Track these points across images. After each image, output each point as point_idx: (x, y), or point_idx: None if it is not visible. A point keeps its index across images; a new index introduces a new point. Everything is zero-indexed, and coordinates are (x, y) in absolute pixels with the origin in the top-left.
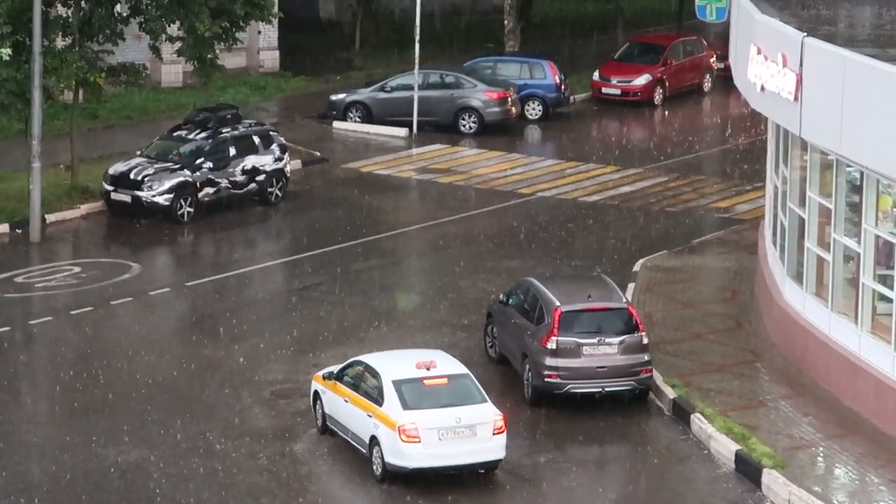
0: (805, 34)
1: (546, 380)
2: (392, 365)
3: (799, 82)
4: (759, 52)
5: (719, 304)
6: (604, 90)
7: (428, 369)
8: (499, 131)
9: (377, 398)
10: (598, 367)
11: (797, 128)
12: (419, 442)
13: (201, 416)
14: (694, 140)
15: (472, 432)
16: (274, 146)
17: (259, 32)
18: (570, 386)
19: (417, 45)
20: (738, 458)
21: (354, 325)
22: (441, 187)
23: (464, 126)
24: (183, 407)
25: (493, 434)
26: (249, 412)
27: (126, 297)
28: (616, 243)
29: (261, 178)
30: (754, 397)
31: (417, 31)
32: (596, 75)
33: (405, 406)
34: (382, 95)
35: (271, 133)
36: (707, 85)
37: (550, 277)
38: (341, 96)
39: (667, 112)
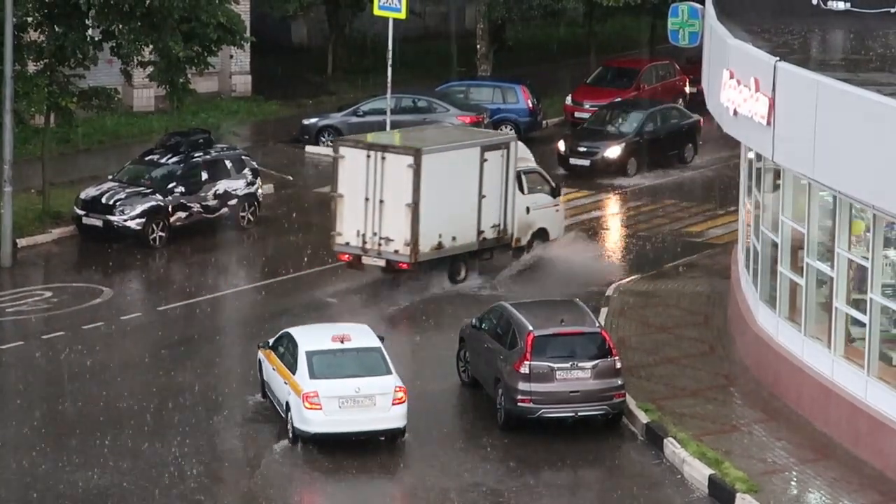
0: (778, 59)
1: (519, 404)
2: (311, 337)
3: (772, 106)
4: (731, 77)
5: (693, 329)
6: (577, 114)
7: (342, 342)
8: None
9: (292, 367)
10: (571, 392)
11: (770, 152)
12: (321, 409)
13: (173, 442)
14: (667, 164)
15: (371, 402)
16: (246, 170)
17: (231, 56)
18: (543, 410)
19: (390, 70)
20: (712, 482)
21: None
22: None
23: None
24: (154, 432)
25: (393, 404)
26: (221, 437)
27: (97, 321)
28: (589, 267)
29: (233, 202)
30: (727, 422)
31: (390, 55)
32: (569, 100)
33: (312, 375)
34: (355, 120)
35: (243, 157)
36: None
37: (523, 302)
38: (314, 120)
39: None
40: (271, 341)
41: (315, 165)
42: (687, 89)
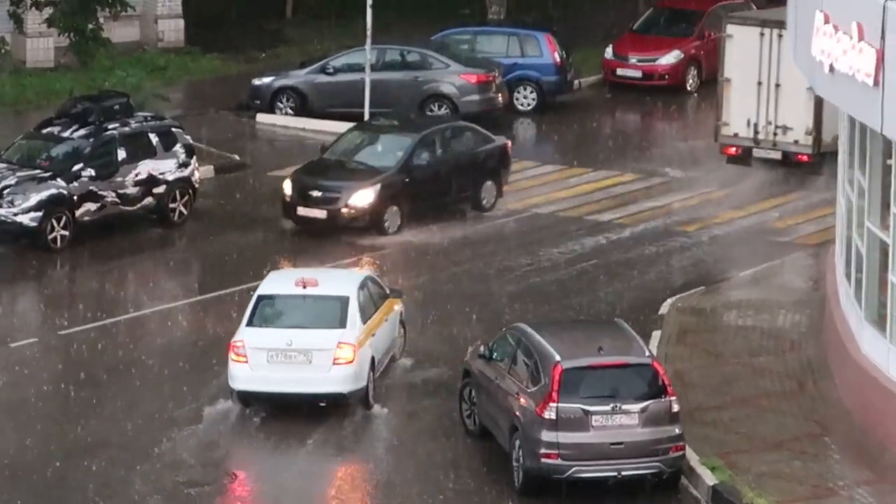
0: None
1: (543, 460)
2: (276, 281)
3: (880, 61)
4: (826, 21)
5: (774, 359)
6: (619, 72)
7: (304, 287)
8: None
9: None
10: (612, 444)
11: (878, 122)
12: (246, 362)
13: None
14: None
15: (306, 358)
16: (177, 147)
17: None
18: (575, 469)
19: (370, 11)
20: None
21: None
22: None
23: None
24: (56, 500)
25: (333, 363)
26: None
27: None
28: (636, 276)
29: (159, 189)
30: (822, 483)
31: None
32: (609, 52)
33: (249, 322)
34: (323, 79)
35: (174, 130)
36: None
37: (548, 323)
38: (268, 80)
39: (704, 102)
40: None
41: (270, 140)
42: None
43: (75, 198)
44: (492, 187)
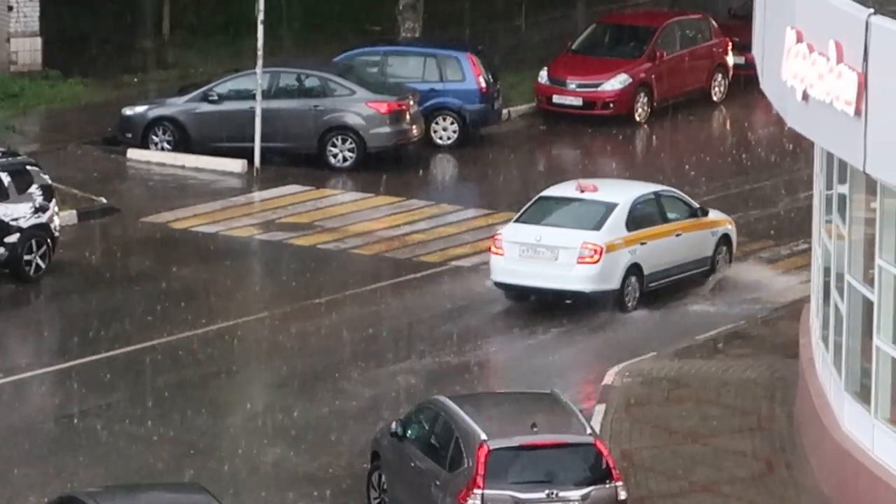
0: (873, 10)
1: None
2: (564, 185)
3: (863, 87)
4: (799, 40)
5: (740, 437)
6: (556, 99)
7: (581, 192)
8: (390, 165)
9: None
10: None
11: (860, 158)
12: (502, 255)
13: None
14: (699, 178)
15: (552, 255)
16: (33, 189)
17: (10, 9)
18: None
19: (261, 28)
20: None
21: (161, 471)
22: (298, 253)
23: (334, 156)
24: None
25: (577, 262)
26: None
27: None
28: (578, 340)
29: (12, 238)
30: None
31: (262, 4)
32: (543, 76)
33: (516, 219)
34: (206, 108)
35: (29, 168)
36: (718, 91)
37: (471, 396)
38: (140, 110)
39: (656, 135)
40: None
41: (143, 180)
42: (729, 60)
43: None
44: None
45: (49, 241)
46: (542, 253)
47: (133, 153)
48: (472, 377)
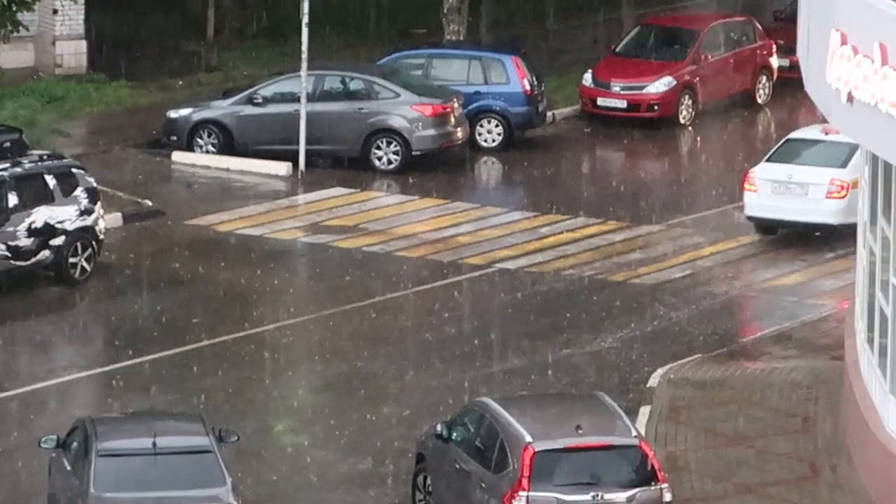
0: None
1: None
2: (808, 129)
3: None
4: (844, 42)
5: (784, 439)
6: (600, 101)
7: (826, 134)
8: (435, 167)
9: None
10: None
11: None
12: (756, 191)
13: None
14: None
15: (803, 191)
16: (79, 191)
17: (55, 12)
18: None
19: (306, 31)
20: None
21: None
22: (343, 255)
23: (379, 159)
24: None
25: (826, 197)
26: None
27: None
28: (622, 343)
29: (58, 241)
30: None
31: (306, 6)
32: (587, 78)
33: (768, 159)
34: (250, 111)
35: (74, 171)
36: (763, 93)
37: (516, 398)
38: (185, 112)
39: (699, 136)
40: None
41: (188, 183)
42: (774, 62)
43: None
44: None
45: (94, 243)
46: (793, 189)
47: (177, 156)
48: (524, 382)
